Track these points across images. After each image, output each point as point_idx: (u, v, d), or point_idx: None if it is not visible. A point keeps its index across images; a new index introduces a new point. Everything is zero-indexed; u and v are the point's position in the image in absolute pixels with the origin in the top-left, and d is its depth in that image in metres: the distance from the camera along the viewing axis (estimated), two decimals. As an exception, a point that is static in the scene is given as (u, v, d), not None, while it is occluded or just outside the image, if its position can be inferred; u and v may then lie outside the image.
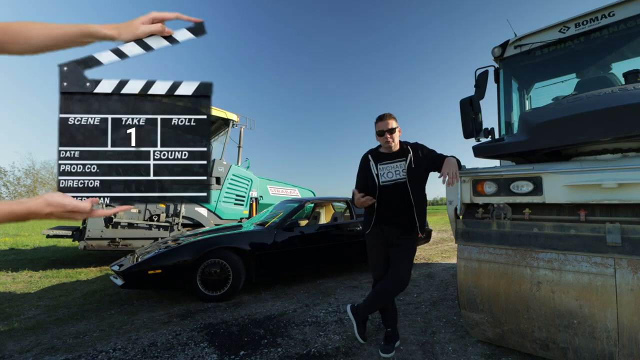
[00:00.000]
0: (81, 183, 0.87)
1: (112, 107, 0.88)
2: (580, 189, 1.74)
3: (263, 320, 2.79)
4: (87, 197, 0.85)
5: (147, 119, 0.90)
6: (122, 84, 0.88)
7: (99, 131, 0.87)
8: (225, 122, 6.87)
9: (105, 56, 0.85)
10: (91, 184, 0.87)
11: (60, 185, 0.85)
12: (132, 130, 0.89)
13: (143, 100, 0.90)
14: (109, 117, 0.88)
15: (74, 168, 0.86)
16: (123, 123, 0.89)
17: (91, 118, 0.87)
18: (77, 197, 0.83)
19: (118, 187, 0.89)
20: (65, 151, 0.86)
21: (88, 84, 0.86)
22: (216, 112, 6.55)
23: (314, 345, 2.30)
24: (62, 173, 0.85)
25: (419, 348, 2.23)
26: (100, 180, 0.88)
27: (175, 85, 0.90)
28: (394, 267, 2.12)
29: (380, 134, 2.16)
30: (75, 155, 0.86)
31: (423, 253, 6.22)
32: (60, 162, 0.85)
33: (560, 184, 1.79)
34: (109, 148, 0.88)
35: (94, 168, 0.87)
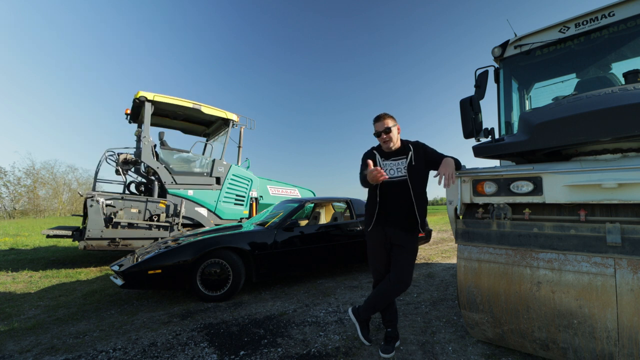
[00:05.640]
0: None
1: None
2: (580, 189, 1.74)
3: (263, 320, 2.79)
4: None
5: None
6: None
7: None
8: (225, 122, 6.88)
9: None
10: None
11: None
12: None
13: None
14: None
15: None
16: None
17: None
18: None
19: None
20: None
21: None
22: (216, 112, 6.55)
23: (314, 345, 2.30)
24: None
25: (419, 348, 2.23)
26: None
27: None
28: (396, 268, 2.11)
29: (377, 134, 2.20)
30: None
31: (423, 253, 6.22)
32: None
33: (560, 184, 1.79)
34: None
35: None
